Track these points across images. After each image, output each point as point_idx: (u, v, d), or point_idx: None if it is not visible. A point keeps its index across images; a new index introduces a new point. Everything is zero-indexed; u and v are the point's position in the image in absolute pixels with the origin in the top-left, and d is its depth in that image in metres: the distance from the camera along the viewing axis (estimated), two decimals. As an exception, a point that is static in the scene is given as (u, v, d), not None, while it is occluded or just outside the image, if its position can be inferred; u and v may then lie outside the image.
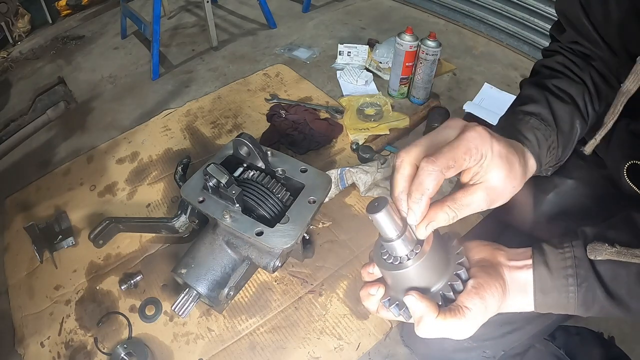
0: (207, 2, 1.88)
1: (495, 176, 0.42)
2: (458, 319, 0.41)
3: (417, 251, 0.41)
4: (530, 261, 0.47)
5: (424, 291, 0.42)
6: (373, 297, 0.46)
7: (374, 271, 0.46)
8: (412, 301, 0.41)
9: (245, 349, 0.99)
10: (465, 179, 0.43)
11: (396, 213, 0.40)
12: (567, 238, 0.47)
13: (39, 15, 2.47)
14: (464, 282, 0.44)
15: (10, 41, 2.33)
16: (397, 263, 0.42)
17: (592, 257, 0.44)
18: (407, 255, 0.41)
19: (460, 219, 0.42)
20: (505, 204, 0.45)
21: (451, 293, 0.43)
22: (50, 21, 2.52)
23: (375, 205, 0.39)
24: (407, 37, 1.50)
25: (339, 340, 0.99)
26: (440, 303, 0.43)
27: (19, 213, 1.35)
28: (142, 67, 2.02)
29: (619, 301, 0.44)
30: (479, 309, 0.42)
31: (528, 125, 0.52)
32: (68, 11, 2.57)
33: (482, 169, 0.42)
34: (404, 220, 0.41)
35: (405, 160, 0.42)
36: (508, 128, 0.52)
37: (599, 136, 0.59)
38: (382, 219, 0.39)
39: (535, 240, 0.49)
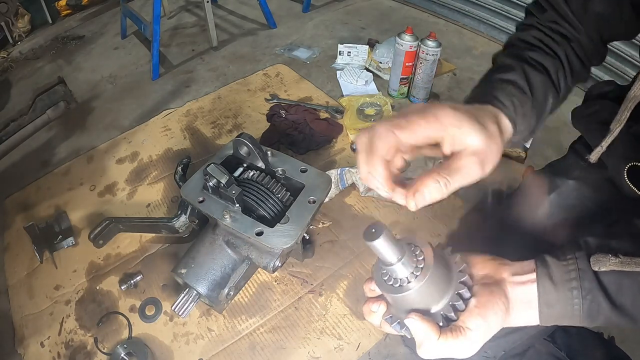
0: (207, 2, 1.88)
1: (475, 136, 0.42)
2: (459, 340, 0.41)
3: (418, 273, 0.40)
4: (534, 275, 0.46)
5: (425, 312, 0.42)
6: (375, 314, 0.46)
7: (376, 288, 0.46)
8: (413, 324, 0.41)
9: (245, 349, 0.99)
10: (446, 150, 0.43)
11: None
12: (570, 250, 0.47)
13: (39, 15, 2.46)
14: (466, 300, 0.43)
15: (10, 41, 2.33)
16: (397, 285, 0.41)
17: (596, 269, 0.44)
18: (407, 277, 0.40)
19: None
20: (507, 204, 0.45)
21: (452, 313, 0.42)
22: (50, 21, 2.52)
23: (372, 232, 0.38)
24: (407, 37, 1.50)
25: (339, 340, 0.99)
26: (441, 324, 0.42)
27: (19, 213, 1.35)
28: (142, 67, 2.02)
29: (624, 312, 0.43)
30: (480, 329, 0.42)
31: (504, 92, 0.51)
32: (68, 11, 2.58)
33: (455, 132, 0.41)
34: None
35: (362, 138, 0.42)
36: (483, 94, 0.51)
37: (605, 144, 0.59)
38: (381, 245, 0.38)
39: (536, 241, 0.49)
